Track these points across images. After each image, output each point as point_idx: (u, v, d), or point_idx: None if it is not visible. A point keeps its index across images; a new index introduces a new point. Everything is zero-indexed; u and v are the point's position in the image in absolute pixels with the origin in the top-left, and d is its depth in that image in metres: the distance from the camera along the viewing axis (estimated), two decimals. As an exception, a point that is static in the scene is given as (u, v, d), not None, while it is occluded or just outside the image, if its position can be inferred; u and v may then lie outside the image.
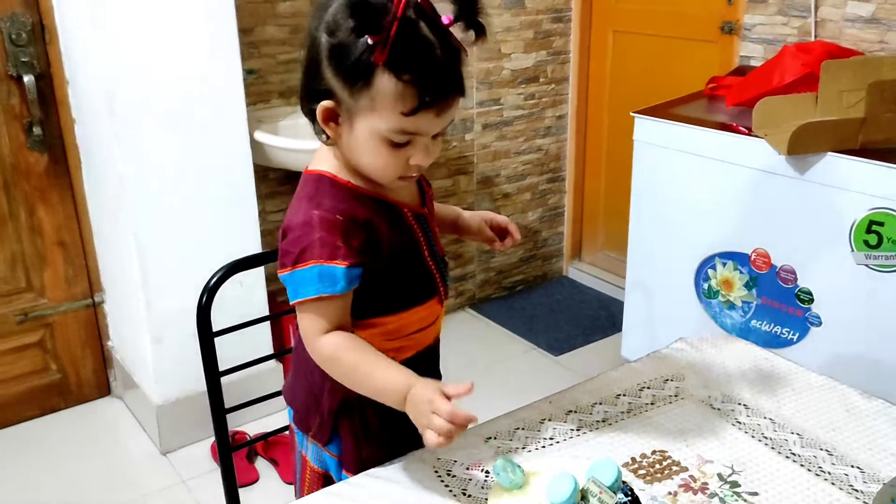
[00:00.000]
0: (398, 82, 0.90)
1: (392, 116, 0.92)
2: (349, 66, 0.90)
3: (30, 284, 2.30)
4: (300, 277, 0.97)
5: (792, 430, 1.11)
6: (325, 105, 0.95)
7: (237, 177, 2.15)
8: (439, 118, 0.94)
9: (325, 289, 0.96)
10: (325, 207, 0.98)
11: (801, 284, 1.92)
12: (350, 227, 0.97)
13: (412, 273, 1.08)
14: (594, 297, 3.11)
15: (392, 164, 0.97)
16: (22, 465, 2.18)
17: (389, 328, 1.07)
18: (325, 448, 1.14)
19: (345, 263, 0.96)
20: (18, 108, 2.15)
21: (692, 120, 2.08)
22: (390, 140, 0.94)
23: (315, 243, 0.96)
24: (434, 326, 1.14)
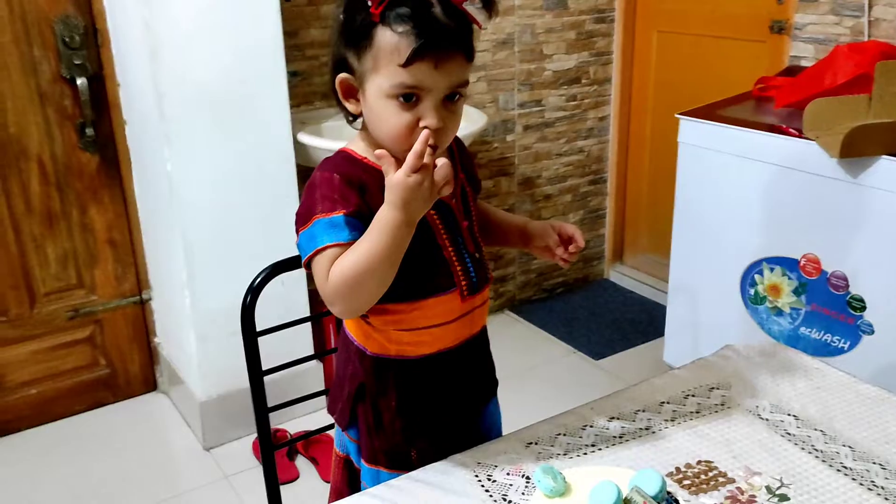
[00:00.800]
0: (393, 34, 0.93)
1: (391, 70, 0.94)
2: (353, 31, 0.96)
3: (81, 281, 2.36)
4: (307, 236, 1.00)
5: (844, 443, 1.08)
6: (340, 78, 0.99)
7: (280, 178, 2.17)
8: (439, 72, 0.94)
9: (330, 238, 0.98)
10: (326, 169, 1.02)
11: (852, 291, 1.87)
12: (346, 185, 1.00)
13: (422, 258, 1.05)
14: (636, 301, 3.08)
15: (402, 124, 0.96)
16: (71, 457, 2.24)
17: (403, 317, 1.06)
18: (345, 432, 1.16)
19: (342, 212, 0.98)
20: (71, 109, 2.20)
21: (739, 121, 2.04)
22: (396, 97, 0.95)
23: (317, 201, 1.00)
24: (457, 325, 1.10)
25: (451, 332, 1.10)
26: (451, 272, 1.08)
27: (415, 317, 1.07)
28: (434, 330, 1.09)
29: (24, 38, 2.09)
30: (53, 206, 2.25)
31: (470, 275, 1.10)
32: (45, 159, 2.20)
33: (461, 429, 1.16)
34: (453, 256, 1.08)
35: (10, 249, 2.22)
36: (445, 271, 1.08)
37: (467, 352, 1.14)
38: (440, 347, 1.10)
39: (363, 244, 0.96)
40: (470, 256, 1.10)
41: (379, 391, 1.09)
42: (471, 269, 1.10)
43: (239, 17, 2.00)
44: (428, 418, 1.12)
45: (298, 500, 2.04)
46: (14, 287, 2.25)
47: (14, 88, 2.11)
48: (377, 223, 0.95)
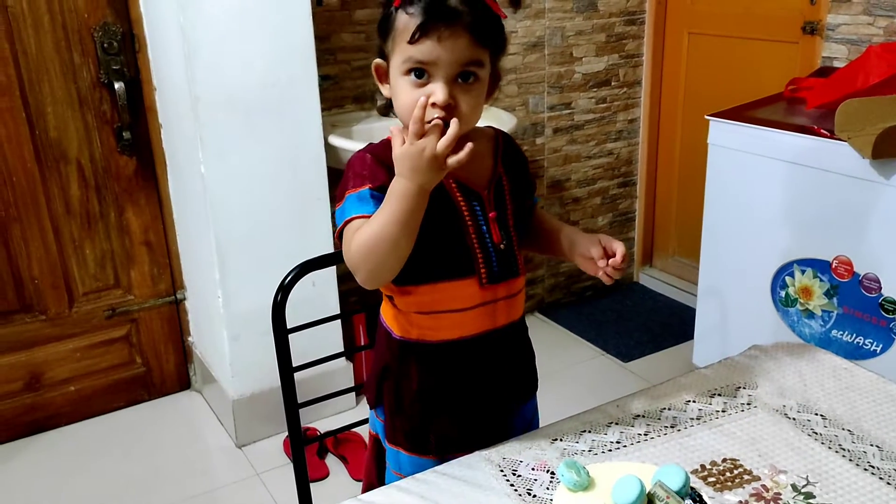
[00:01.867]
0: (404, 15, 1.01)
1: (402, 48, 1.01)
2: (383, 18, 1.05)
3: (118, 281, 2.41)
4: (340, 210, 1.07)
5: (871, 443, 1.07)
6: (375, 63, 1.09)
7: (312, 179, 2.21)
8: (442, 47, 0.99)
9: (358, 210, 1.04)
10: (361, 150, 1.10)
11: (885, 293, 1.84)
12: (376, 164, 1.07)
13: (444, 242, 1.09)
14: (665, 304, 3.06)
15: (413, 99, 0.99)
16: (107, 454, 2.29)
17: (423, 299, 1.11)
18: (374, 411, 1.21)
19: (369, 185, 1.05)
20: (109, 113, 2.26)
21: (771, 123, 2.03)
22: (408, 72, 1.02)
23: (349, 180, 1.07)
24: (477, 312, 1.11)
25: (470, 319, 1.12)
26: (472, 258, 1.11)
27: (434, 299, 1.10)
28: (452, 315, 1.11)
29: (64, 45, 2.15)
30: (92, 208, 2.31)
31: (491, 263, 1.11)
32: (84, 162, 2.27)
33: (489, 423, 1.17)
34: (475, 243, 1.11)
35: (50, 250, 2.28)
36: (466, 257, 1.11)
37: (492, 345, 1.15)
38: (460, 335, 1.12)
39: (380, 213, 1.01)
40: (494, 246, 1.12)
41: (402, 373, 1.14)
42: (493, 258, 1.12)
43: (272, 22, 2.04)
44: (447, 405, 1.14)
45: (328, 498, 2.06)
46: (54, 286, 2.32)
47: (55, 93, 2.18)
48: (390, 193, 1.00)
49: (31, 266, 2.27)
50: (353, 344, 2.46)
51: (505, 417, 1.20)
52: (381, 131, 2.43)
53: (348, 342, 2.41)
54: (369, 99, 2.50)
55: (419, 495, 1.01)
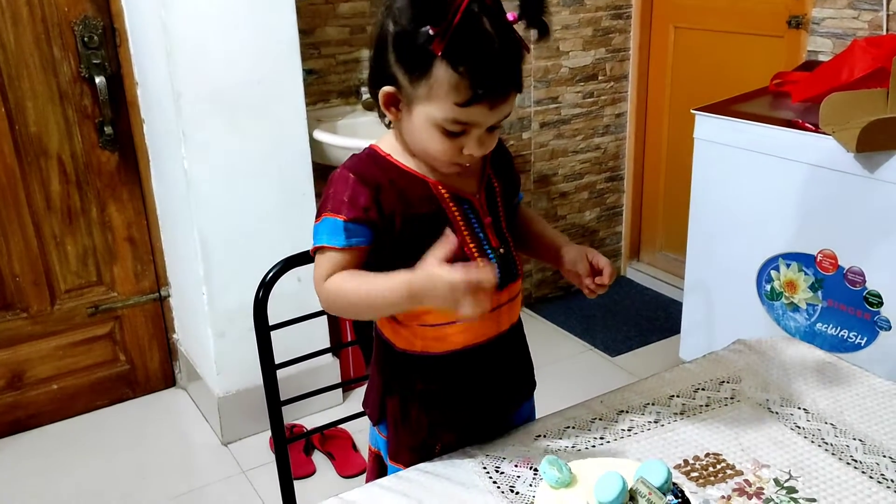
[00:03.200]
0: (454, 73, 0.92)
1: (446, 107, 0.94)
2: (409, 54, 0.94)
3: (100, 278, 2.39)
4: (316, 229, 1.03)
5: (854, 436, 1.07)
6: (386, 90, 0.99)
7: (296, 175, 2.19)
8: (493, 112, 0.96)
9: (329, 240, 1.01)
10: (346, 167, 1.04)
11: (869, 287, 1.85)
12: (359, 185, 1.01)
13: None
14: (652, 298, 3.06)
15: (446, 151, 0.99)
16: (91, 452, 2.27)
17: (420, 311, 1.05)
18: (376, 427, 1.17)
19: (343, 217, 1.00)
20: (91, 108, 2.23)
21: (756, 117, 2.03)
22: (444, 129, 0.97)
23: (329, 197, 1.02)
24: (483, 320, 1.08)
25: (476, 328, 1.09)
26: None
27: (438, 312, 1.06)
28: (458, 325, 1.08)
29: (44, 39, 2.13)
30: (73, 204, 2.29)
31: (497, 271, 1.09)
32: (65, 158, 2.24)
33: (489, 426, 1.14)
34: (475, 252, 1.07)
35: (31, 246, 2.26)
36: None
37: (496, 349, 1.13)
38: (466, 343, 1.09)
39: (367, 283, 0.99)
40: (493, 252, 1.09)
41: (406, 386, 1.09)
42: (500, 266, 1.09)
43: (255, 16, 2.02)
44: (454, 414, 1.11)
45: (314, 495, 2.06)
46: (35, 284, 2.29)
47: (35, 88, 2.15)
48: (391, 279, 0.96)
49: (11, 263, 2.25)
50: (339, 340, 2.44)
51: (505, 420, 1.18)
52: (367, 126, 2.43)
53: (335, 338, 2.39)
54: (354, 93, 2.48)
55: (402, 493, 1.00)
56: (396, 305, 0.99)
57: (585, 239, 3.13)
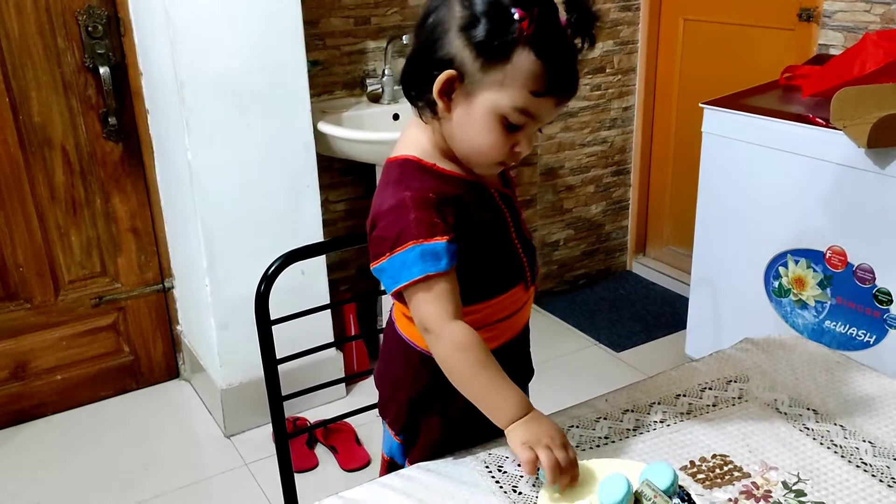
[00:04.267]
0: (536, 61, 0.90)
1: (520, 94, 0.92)
2: (489, 38, 0.90)
3: (104, 269, 2.38)
4: (400, 261, 0.95)
5: (864, 438, 1.06)
6: (448, 75, 0.93)
7: (301, 167, 2.18)
8: (556, 107, 0.96)
9: (430, 267, 0.94)
10: (415, 188, 0.97)
11: (879, 284, 1.83)
12: (443, 204, 0.97)
13: (501, 255, 1.06)
14: (658, 293, 3.04)
15: (498, 146, 0.97)
16: (94, 443, 2.27)
17: (476, 317, 1.04)
18: (395, 435, 1.14)
19: (444, 238, 0.95)
20: (95, 98, 2.22)
21: (765, 111, 2.00)
22: (506, 120, 0.94)
23: (411, 224, 0.95)
24: (520, 315, 1.11)
25: (514, 323, 1.10)
26: (520, 264, 1.08)
27: (487, 314, 1.06)
28: (501, 324, 1.08)
29: (48, 29, 2.11)
30: (77, 195, 2.28)
31: (533, 264, 1.11)
32: (69, 148, 2.23)
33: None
34: (519, 247, 1.08)
35: (35, 237, 2.25)
36: (516, 265, 1.08)
37: (523, 339, 1.15)
38: (505, 339, 1.10)
39: (488, 374, 0.96)
40: (529, 244, 1.10)
41: (446, 394, 1.04)
42: (532, 256, 1.11)
43: (259, 5, 2.00)
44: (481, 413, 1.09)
45: (317, 488, 2.05)
46: (39, 274, 2.29)
47: (39, 78, 2.14)
48: (511, 395, 0.95)
49: (15, 253, 2.24)
50: (343, 334, 2.43)
51: None
52: (372, 118, 2.41)
53: (338, 332, 2.38)
54: (359, 85, 2.46)
55: (403, 492, 0.99)
56: (495, 411, 0.96)
57: (591, 233, 3.11)
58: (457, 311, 0.96)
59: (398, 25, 2.47)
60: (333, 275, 2.50)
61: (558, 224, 3.01)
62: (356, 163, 2.44)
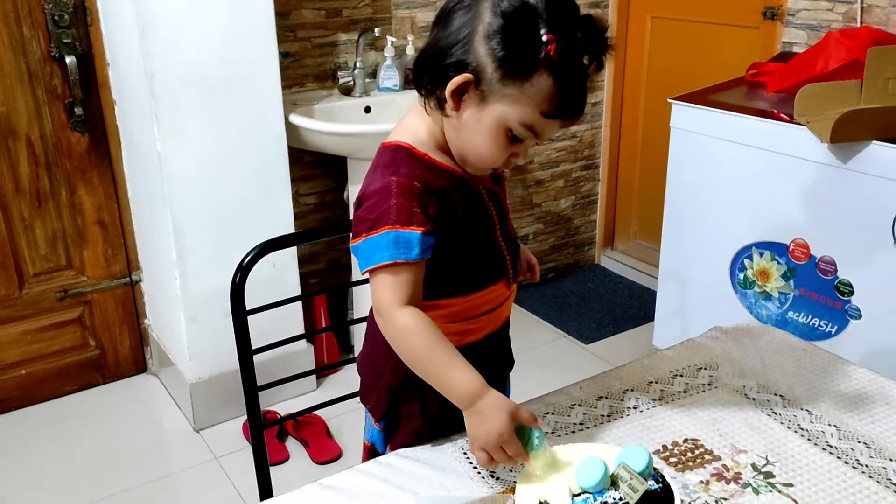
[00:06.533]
0: (554, 85, 0.92)
1: (531, 113, 0.94)
2: (515, 53, 0.91)
3: (70, 262, 2.34)
4: (374, 243, 0.97)
5: (829, 422, 1.09)
6: (465, 78, 0.94)
7: (272, 159, 2.17)
8: (561, 128, 0.99)
9: (400, 254, 0.96)
10: (402, 174, 0.98)
11: (840, 276, 1.88)
12: (427, 194, 0.98)
13: (484, 251, 1.08)
14: (626, 287, 3.09)
15: (497, 155, 0.98)
16: (60, 439, 2.23)
17: (455, 310, 1.06)
18: (376, 423, 1.15)
19: (420, 229, 0.96)
20: (61, 88, 2.18)
21: (731, 106, 2.04)
22: (511, 132, 0.96)
23: (391, 209, 0.96)
24: (501, 310, 1.13)
25: (496, 317, 1.12)
26: (503, 261, 1.10)
27: (468, 308, 1.07)
28: (482, 318, 1.09)
29: (13, 17, 2.07)
30: (42, 186, 2.23)
31: (515, 260, 1.12)
32: (34, 139, 2.19)
33: None
34: (503, 244, 1.10)
35: (-2, 229, 2.21)
36: (498, 261, 1.10)
37: (503, 334, 1.17)
38: (486, 333, 1.11)
39: (441, 352, 0.96)
40: (513, 242, 1.12)
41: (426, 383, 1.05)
42: (515, 254, 1.13)
43: (230, -3, 1.98)
44: None
45: (288, 481, 2.03)
46: (2, 267, 2.24)
47: (3, 68, 2.09)
48: (465, 373, 0.95)
49: (-22, 246, 2.19)
50: (314, 326, 2.43)
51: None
52: (343, 111, 2.40)
53: (309, 325, 2.38)
54: (331, 77, 2.46)
55: (382, 479, 1.00)
56: (449, 395, 0.97)
57: (560, 227, 3.14)
58: (412, 300, 0.98)
59: (370, 18, 2.47)
60: (304, 268, 2.49)
61: (528, 218, 3.04)
62: (327, 156, 2.44)
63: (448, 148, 1.03)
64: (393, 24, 2.51)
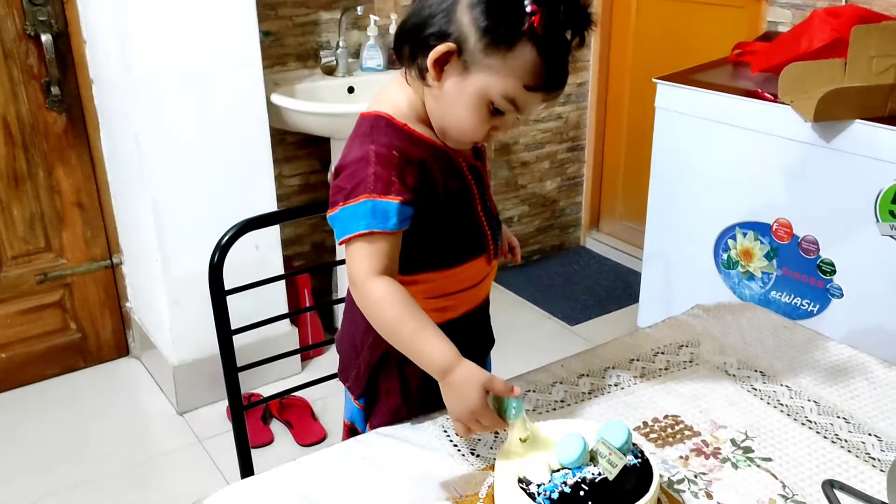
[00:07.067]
0: (537, 57, 0.91)
1: (513, 85, 0.93)
2: (498, 23, 0.90)
3: (49, 245, 2.31)
4: (350, 213, 0.95)
5: (809, 398, 1.09)
6: (447, 47, 0.92)
7: (254, 140, 2.14)
8: (542, 102, 0.97)
9: (377, 224, 0.94)
10: (381, 143, 0.97)
11: (823, 255, 1.88)
12: (405, 164, 0.97)
13: (463, 225, 1.07)
14: (611, 268, 3.09)
15: (479, 127, 0.97)
16: (42, 423, 2.21)
17: (434, 286, 1.06)
18: (356, 401, 1.15)
19: (398, 199, 0.95)
20: (37, 67, 2.14)
21: (716, 86, 2.03)
22: (492, 105, 0.95)
23: (369, 178, 0.95)
24: (480, 287, 1.12)
25: (475, 294, 1.11)
26: (483, 236, 1.09)
27: (446, 283, 1.06)
28: (461, 294, 1.09)
29: (-14, -7, 2.03)
30: (19, 168, 2.20)
31: (496, 237, 1.12)
32: (9, 119, 2.15)
33: None
34: (483, 220, 1.09)
35: (-25, 211, 2.17)
36: (478, 236, 1.09)
37: (483, 311, 1.16)
38: (465, 310, 1.11)
39: (415, 323, 0.94)
40: (494, 219, 1.11)
41: (405, 358, 1.03)
42: (496, 231, 1.12)
43: (209, -27, 1.95)
44: None
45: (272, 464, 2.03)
46: (-20, 250, 2.21)
47: (-24, 45, 2.05)
48: (439, 344, 0.93)
49: (-46, 228, 2.16)
50: (297, 307, 2.41)
51: None
52: (326, 91, 2.38)
53: (293, 307, 2.36)
54: (312, 57, 2.43)
55: (362, 457, 0.99)
56: (423, 365, 0.95)
57: (546, 209, 3.13)
58: (388, 271, 0.96)
59: (352, -4, 2.44)
60: (287, 251, 2.47)
61: (513, 200, 3.03)
62: (310, 136, 2.41)
63: (428, 120, 1.01)
64: (375, 3, 2.48)
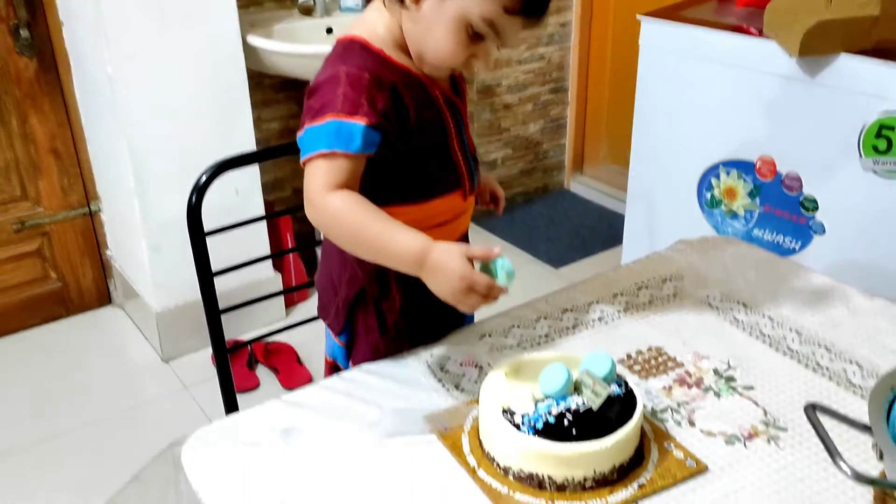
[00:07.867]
0: None
1: (493, 7, 0.91)
2: None
3: (25, 193, 2.27)
4: (315, 132, 0.94)
5: (791, 328, 1.10)
6: None
7: (231, 82, 2.09)
8: (522, 29, 0.95)
9: (339, 145, 0.93)
10: (353, 65, 0.96)
11: (806, 192, 1.88)
12: (376, 87, 0.95)
13: (437, 158, 1.05)
14: (595, 211, 3.09)
15: (457, 52, 0.95)
16: (25, 373, 2.21)
17: (406, 219, 1.02)
18: (336, 338, 1.15)
19: (364, 121, 0.93)
20: (4, 10, 2.07)
21: (701, 21, 2.00)
22: (472, 28, 0.93)
23: (337, 98, 0.93)
24: (457, 223, 1.11)
25: (450, 230, 1.10)
26: (458, 172, 1.08)
27: (422, 217, 1.05)
28: (435, 230, 1.07)
29: (-56, -70, 1.94)
30: (-10, 114, 2.15)
31: (473, 174, 1.10)
32: (-23, 63, 2.09)
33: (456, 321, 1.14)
34: (459, 156, 1.07)
35: (-54, 159, 2.12)
36: (453, 171, 1.07)
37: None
38: None
39: (379, 224, 0.92)
40: (472, 156, 1.10)
41: (381, 294, 1.06)
42: (473, 168, 1.10)
43: None
44: (429, 316, 1.10)
45: (259, 408, 2.05)
46: (-46, 199, 2.17)
47: (-62, -15, 1.98)
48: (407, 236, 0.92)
49: (-75, 177, 2.11)
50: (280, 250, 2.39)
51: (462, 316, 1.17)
52: (304, 31, 2.32)
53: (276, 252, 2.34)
54: (289, -3, 2.36)
55: (345, 393, 0.99)
56: (398, 263, 0.94)
57: (529, 151, 3.11)
58: (338, 186, 0.94)
59: (328, -68, 2.36)
60: (269, 196, 2.44)
61: (496, 143, 3.00)
62: (289, 80, 2.36)
63: (406, 47, 0.99)
64: (353, -61, 2.41)
